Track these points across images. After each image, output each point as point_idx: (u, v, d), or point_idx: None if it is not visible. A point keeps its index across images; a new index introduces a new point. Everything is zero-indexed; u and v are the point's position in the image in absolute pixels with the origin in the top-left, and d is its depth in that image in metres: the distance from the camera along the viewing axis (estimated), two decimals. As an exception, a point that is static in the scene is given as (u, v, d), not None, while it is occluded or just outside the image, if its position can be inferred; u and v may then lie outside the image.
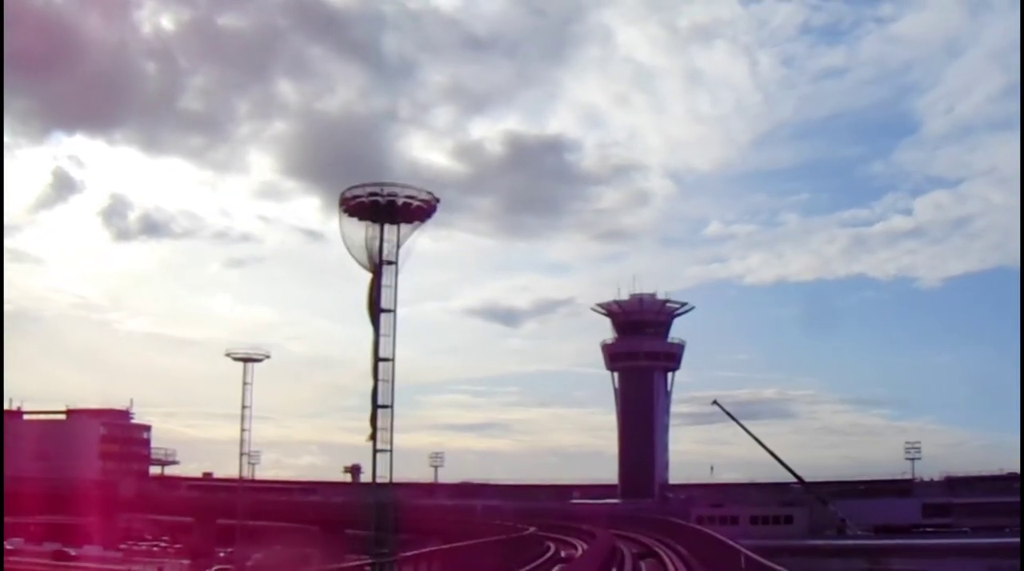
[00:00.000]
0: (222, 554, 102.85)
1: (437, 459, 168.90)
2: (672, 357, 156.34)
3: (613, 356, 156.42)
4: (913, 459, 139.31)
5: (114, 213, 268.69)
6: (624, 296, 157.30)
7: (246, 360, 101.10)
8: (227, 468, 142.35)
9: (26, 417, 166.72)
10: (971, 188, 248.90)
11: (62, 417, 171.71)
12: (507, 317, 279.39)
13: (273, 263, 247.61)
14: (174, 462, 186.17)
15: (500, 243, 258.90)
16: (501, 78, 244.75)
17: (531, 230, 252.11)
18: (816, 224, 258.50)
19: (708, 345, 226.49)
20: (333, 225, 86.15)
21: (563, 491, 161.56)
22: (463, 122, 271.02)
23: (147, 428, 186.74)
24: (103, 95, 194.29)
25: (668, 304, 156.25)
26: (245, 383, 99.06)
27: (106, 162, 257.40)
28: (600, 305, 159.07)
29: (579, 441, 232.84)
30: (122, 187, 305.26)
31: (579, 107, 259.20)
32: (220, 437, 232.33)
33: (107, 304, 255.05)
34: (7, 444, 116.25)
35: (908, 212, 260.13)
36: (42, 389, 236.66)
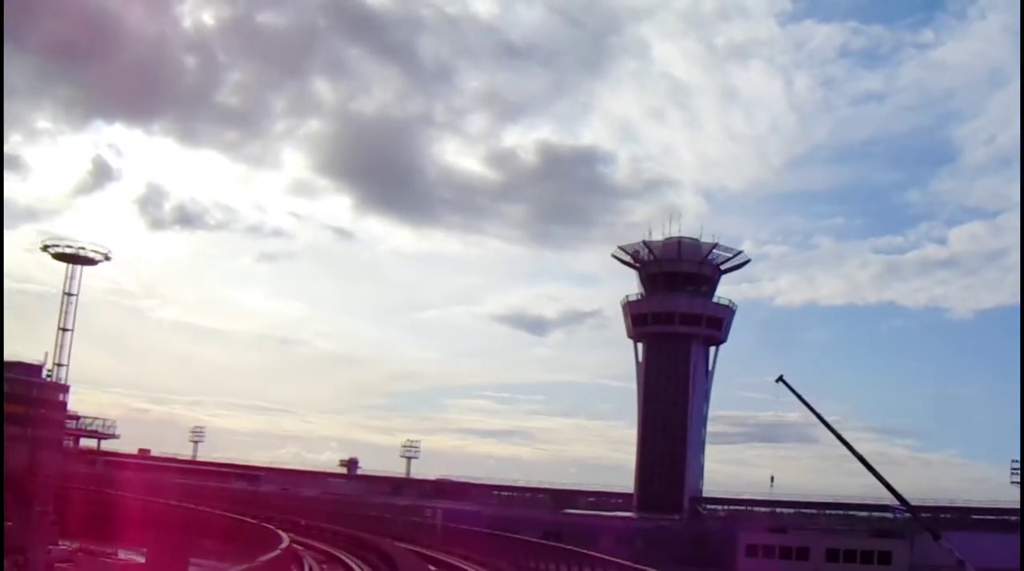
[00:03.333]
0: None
1: (411, 450, 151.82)
2: (717, 324, 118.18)
3: (637, 318, 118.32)
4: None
5: (150, 202, 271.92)
6: (657, 238, 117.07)
7: (71, 259, 74.63)
8: (254, 457, 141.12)
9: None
10: (1008, 220, 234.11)
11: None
12: (534, 325, 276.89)
13: (304, 259, 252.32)
14: (112, 436, 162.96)
15: (530, 251, 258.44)
16: (536, 87, 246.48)
17: (561, 240, 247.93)
18: (849, 249, 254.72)
19: (733, 364, 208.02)
20: (363, 224, 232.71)
21: (566, 498, 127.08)
22: (497, 129, 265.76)
23: (64, 389, 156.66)
24: (143, 86, 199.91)
25: (717, 250, 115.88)
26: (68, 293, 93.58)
27: (144, 152, 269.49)
28: (624, 248, 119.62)
29: (600, 453, 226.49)
30: (158, 177, 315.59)
31: (613, 120, 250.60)
32: (243, 428, 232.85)
33: (140, 291, 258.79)
34: None
35: (943, 242, 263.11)
36: (70, 371, 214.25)
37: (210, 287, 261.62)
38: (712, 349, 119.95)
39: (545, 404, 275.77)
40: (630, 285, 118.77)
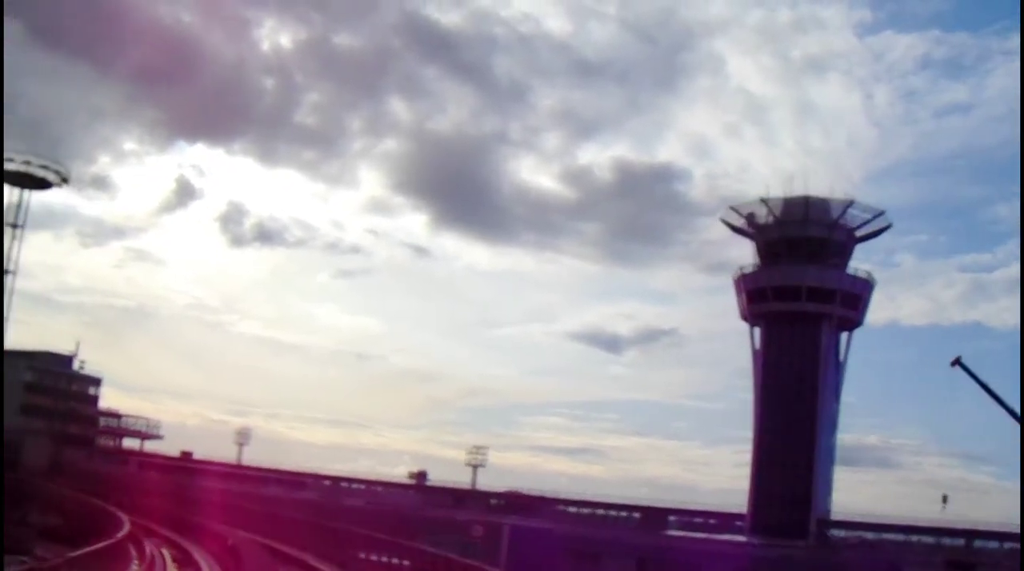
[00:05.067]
0: None
1: (478, 457, 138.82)
2: (854, 302, 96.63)
3: (754, 294, 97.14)
4: None
5: (231, 220, 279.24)
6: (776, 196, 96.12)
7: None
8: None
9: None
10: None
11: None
12: (609, 343, 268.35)
13: (381, 276, 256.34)
14: (156, 436, 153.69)
15: (605, 269, 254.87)
16: (611, 104, 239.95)
17: (637, 258, 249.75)
18: (933, 267, 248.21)
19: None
20: (440, 241, 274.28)
21: (654, 517, 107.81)
22: (572, 147, 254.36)
23: (95, 382, 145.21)
24: (224, 108, 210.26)
25: (853, 210, 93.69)
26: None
27: (225, 171, 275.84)
28: (736, 209, 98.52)
29: (673, 473, 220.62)
30: (239, 195, 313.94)
31: (688, 136, 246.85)
32: (320, 441, 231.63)
33: (220, 306, 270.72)
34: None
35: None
36: (154, 381, 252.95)
37: (289, 303, 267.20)
38: (844, 335, 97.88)
39: (619, 422, 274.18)
40: (706, 304, 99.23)
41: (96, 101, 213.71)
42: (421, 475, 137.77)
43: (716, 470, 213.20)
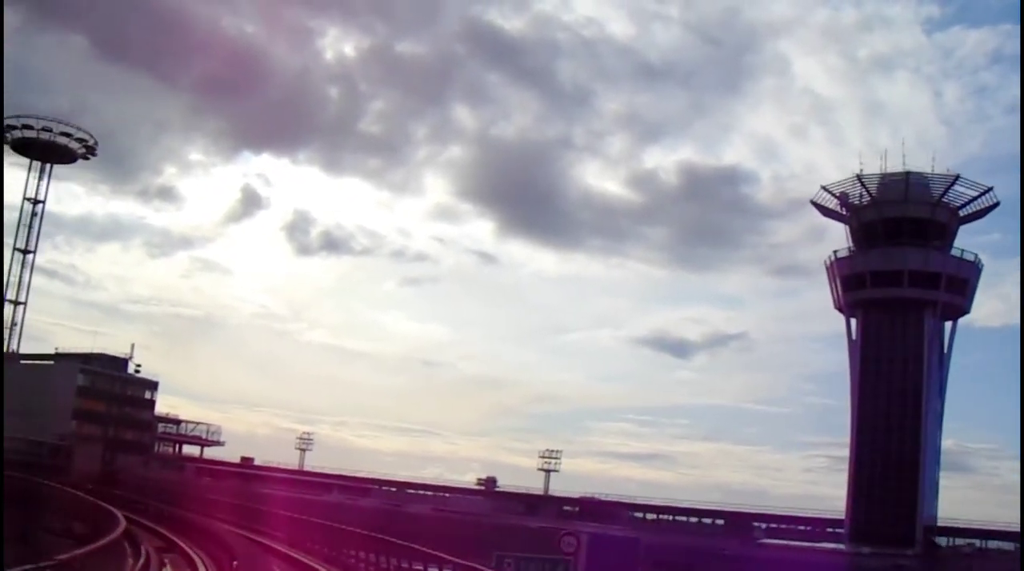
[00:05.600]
0: None
1: (551, 461, 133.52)
2: (960, 287, 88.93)
3: (850, 280, 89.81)
4: None
5: (297, 229, 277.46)
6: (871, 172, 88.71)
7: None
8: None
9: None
10: None
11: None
12: (677, 348, 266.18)
13: (447, 283, 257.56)
14: (216, 443, 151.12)
15: (673, 273, 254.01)
16: (676, 107, 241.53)
17: (704, 262, 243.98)
18: (1007, 267, 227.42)
19: None
20: (506, 248, 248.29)
21: (739, 523, 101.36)
22: (637, 151, 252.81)
23: (151, 386, 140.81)
24: (289, 118, 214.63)
25: (959, 187, 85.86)
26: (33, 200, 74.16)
27: (290, 180, 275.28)
28: (829, 189, 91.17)
29: (744, 479, 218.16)
30: (305, 204, 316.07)
31: (755, 138, 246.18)
32: (388, 448, 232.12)
33: (288, 315, 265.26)
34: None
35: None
36: (222, 390, 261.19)
37: (356, 311, 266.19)
38: (949, 324, 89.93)
39: (688, 428, 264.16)
40: (775, 307, 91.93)
41: (161, 113, 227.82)
42: (490, 481, 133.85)
43: (787, 475, 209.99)
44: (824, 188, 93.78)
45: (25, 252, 57.77)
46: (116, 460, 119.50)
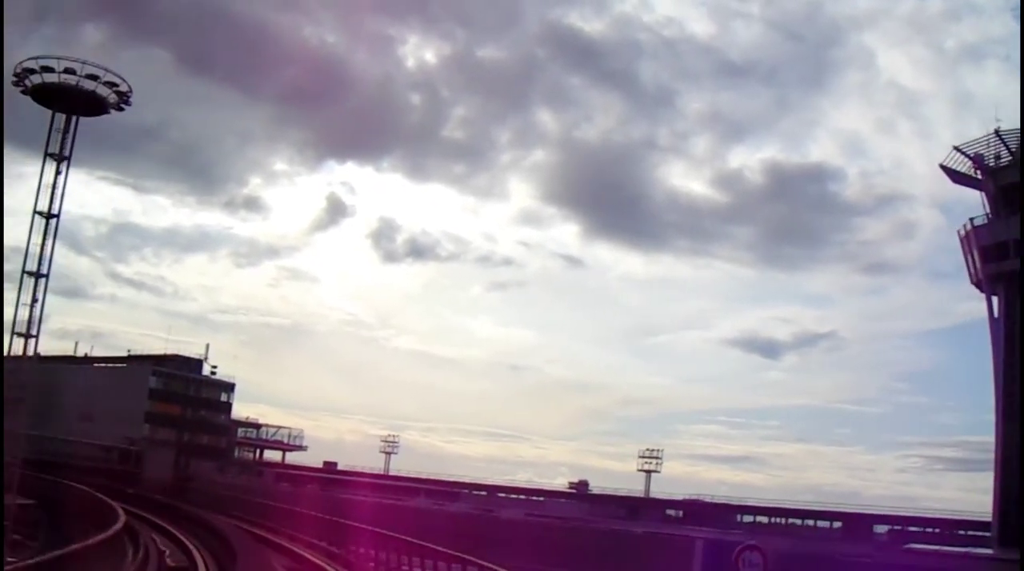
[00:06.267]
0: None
1: (652, 461, 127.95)
2: None
3: (990, 251, 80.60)
4: None
5: (383, 236, 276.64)
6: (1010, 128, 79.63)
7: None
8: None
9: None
10: None
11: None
12: (766, 348, 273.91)
13: (534, 287, 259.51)
14: (299, 448, 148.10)
15: (760, 273, 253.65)
16: (759, 105, 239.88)
17: (792, 261, 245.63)
18: None
19: (967, 387, 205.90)
20: (592, 251, 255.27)
21: (857, 525, 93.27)
22: (722, 150, 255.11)
23: (228, 387, 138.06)
24: (372, 125, 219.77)
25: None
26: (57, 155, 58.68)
27: (375, 188, 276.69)
28: (962, 149, 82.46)
29: (836, 480, 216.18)
30: (390, 212, 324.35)
31: (841, 134, 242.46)
32: (477, 453, 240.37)
33: (375, 322, 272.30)
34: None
35: None
36: (311, 397, 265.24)
37: (443, 316, 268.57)
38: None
39: (779, 429, 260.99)
40: (865, 306, 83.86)
41: (246, 125, 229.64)
42: (582, 484, 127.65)
43: (880, 476, 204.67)
44: (957, 149, 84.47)
45: (49, 216, 50.98)
46: (190, 465, 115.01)
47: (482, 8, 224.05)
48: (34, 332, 50.27)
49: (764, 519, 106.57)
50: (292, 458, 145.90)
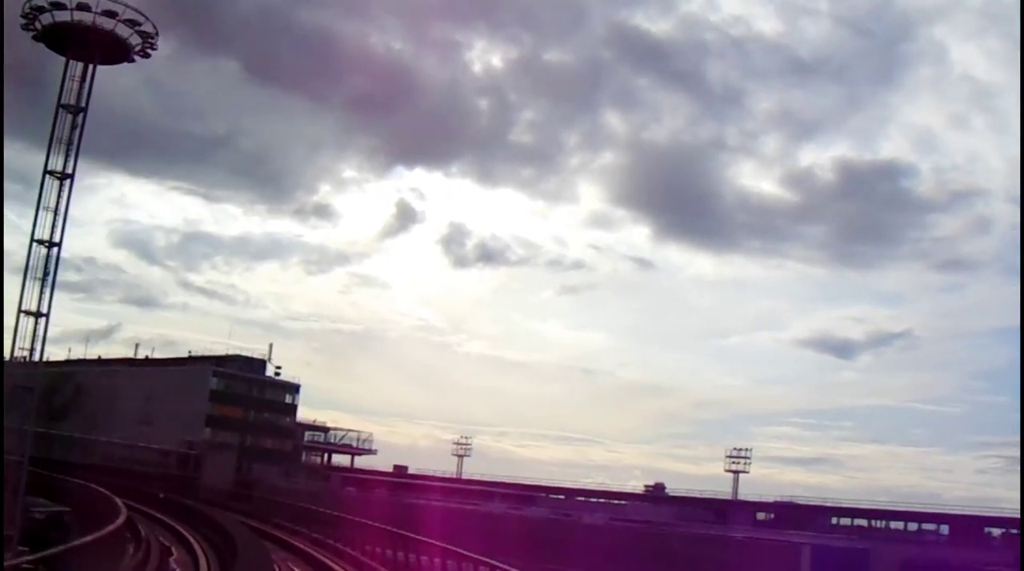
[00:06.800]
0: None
1: (740, 461, 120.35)
2: None
3: None
4: None
5: (453, 241, 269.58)
6: None
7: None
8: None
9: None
10: None
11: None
12: (840, 348, 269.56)
13: (605, 290, 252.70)
14: (367, 451, 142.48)
15: (832, 272, 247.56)
16: (829, 103, 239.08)
17: (865, 259, 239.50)
18: None
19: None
20: (663, 253, 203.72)
21: (967, 529, 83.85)
22: (792, 149, 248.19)
23: (293, 388, 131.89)
24: (440, 131, 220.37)
25: None
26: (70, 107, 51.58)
27: (444, 193, 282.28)
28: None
29: (914, 482, 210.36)
30: (460, 217, 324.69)
31: (913, 130, 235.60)
32: (550, 458, 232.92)
33: (446, 327, 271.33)
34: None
35: None
36: (383, 403, 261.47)
37: (514, 321, 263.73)
38: None
39: (854, 430, 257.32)
40: (940, 304, 76.70)
41: (314, 132, 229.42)
42: (658, 487, 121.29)
43: (958, 477, 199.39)
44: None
45: (63, 176, 45.13)
46: (253, 470, 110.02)
47: (548, 11, 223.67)
48: (44, 310, 43.96)
49: (862, 522, 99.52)
50: (361, 462, 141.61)
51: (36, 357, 44.13)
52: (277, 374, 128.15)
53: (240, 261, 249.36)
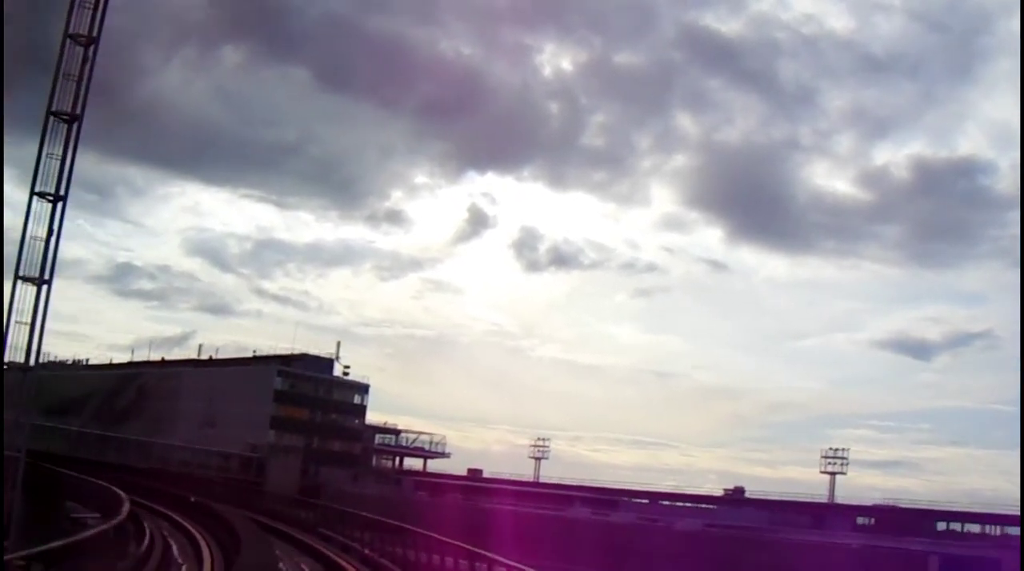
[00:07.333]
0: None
1: (836, 462, 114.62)
2: None
3: None
4: None
5: (525, 245, 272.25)
6: None
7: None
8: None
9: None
10: None
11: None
12: (917, 350, 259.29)
13: (678, 293, 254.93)
14: (441, 455, 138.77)
15: (909, 272, 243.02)
16: (904, 100, 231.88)
17: (942, 259, 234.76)
18: None
19: None
20: (736, 255, 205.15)
21: None
22: (866, 148, 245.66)
23: (362, 388, 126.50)
24: (511, 135, 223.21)
25: None
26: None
27: (516, 198, 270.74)
28: None
29: (996, 485, 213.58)
30: (532, 221, 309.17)
31: (991, 126, 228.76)
32: (623, 462, 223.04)
33: (519, 331, 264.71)
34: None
35: None
36: (456, 408, 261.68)
37: (587, 324, 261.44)
38: None
39: (933, 433, 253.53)
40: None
41: (385, 139, 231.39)
42: (738, 491, 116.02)
43: None
44: None
45: (71, 119, 39.28)
46: (319, 474, 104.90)
47: (617, 14, 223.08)
48: (47, 276, 38.23)
49: (973, 527, 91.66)
50: (434, 466, 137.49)
51: (37, 333, 38.15)
52: (345, 374, 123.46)
53: (313, 268, 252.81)
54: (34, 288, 36.97)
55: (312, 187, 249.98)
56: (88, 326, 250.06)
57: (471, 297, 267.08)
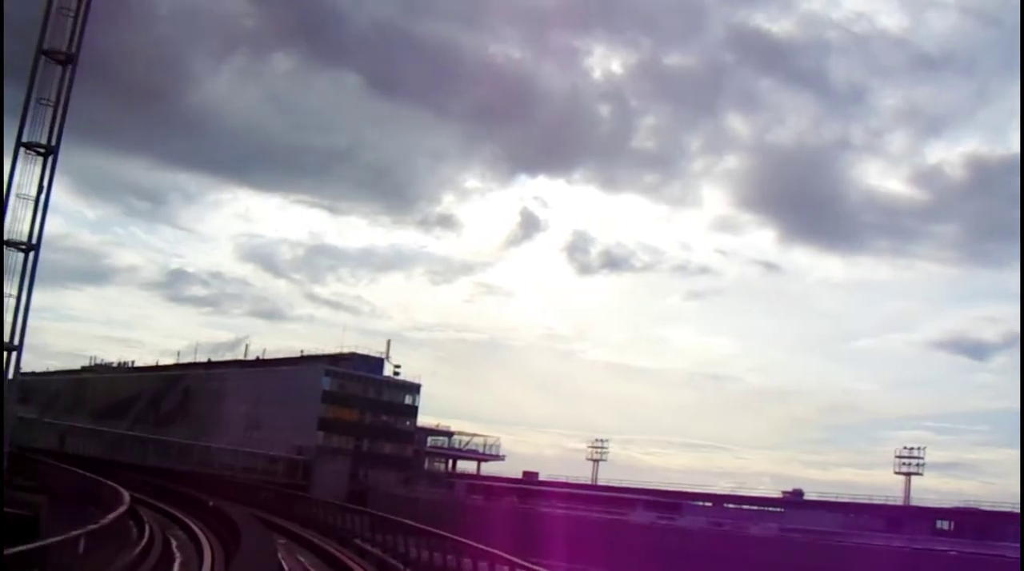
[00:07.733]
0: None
1: (911, 462, 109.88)
2: None
3: None
4: None
5: (576, 249, 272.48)
6: None
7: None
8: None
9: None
10: None
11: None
12: (974, 350, 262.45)
13: (731, 295, 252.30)
14: (495, 457, 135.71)
15: (965, 272, 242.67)
16: (958, 97, 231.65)
17: (999, 258, 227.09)
18: None
19: None
20: (789, 256, 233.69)
21: None
22: (919, 146, 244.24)
23: (413, 388, 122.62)
24: (561, 138, 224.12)
25: None
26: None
27: (567, 201, 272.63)
28: None
29: None
30: (583, 224, 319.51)
31: None
32: (676, 465, 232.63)
33: (571, 335, 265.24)
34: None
35: None
36: (509, 412, 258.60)
37: (639, 327, 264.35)
38: None
39: (990, 434, 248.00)
40: None
41: (437, 143, 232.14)
42: (796, 493, 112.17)
43: None
44: None
45: (66, 60, 35.21)
46: (369, 477, 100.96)
47: (666, 15, 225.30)
48: (34, 241, 34.26)
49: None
50: (488, 469, 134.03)
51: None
52: (396, 373, 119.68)
53: (365, 272, 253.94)
54: (21, 255, 33.16)
55: (364, 192, 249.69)
56: (142, 332, 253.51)
57: (523, 301, 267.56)
